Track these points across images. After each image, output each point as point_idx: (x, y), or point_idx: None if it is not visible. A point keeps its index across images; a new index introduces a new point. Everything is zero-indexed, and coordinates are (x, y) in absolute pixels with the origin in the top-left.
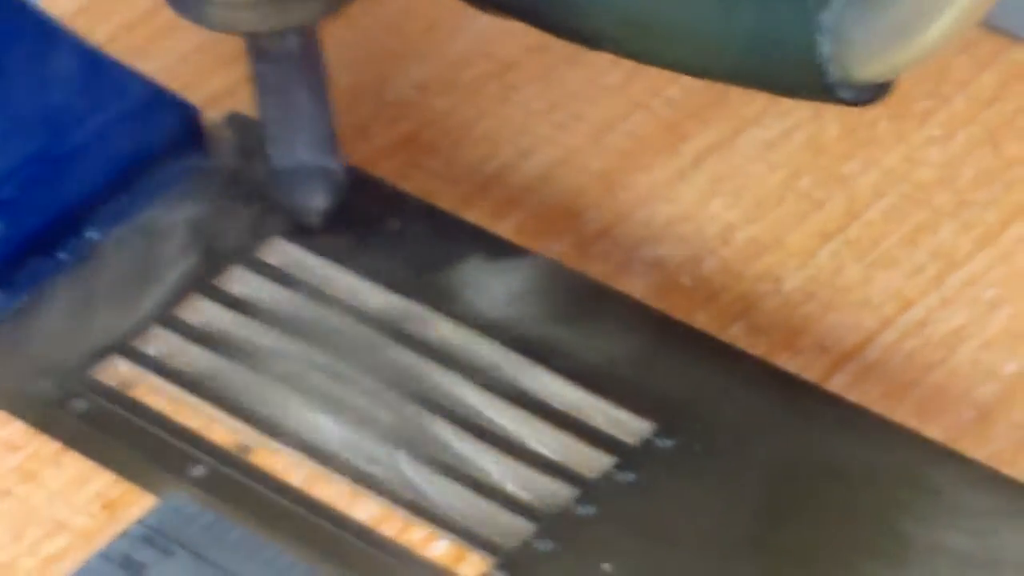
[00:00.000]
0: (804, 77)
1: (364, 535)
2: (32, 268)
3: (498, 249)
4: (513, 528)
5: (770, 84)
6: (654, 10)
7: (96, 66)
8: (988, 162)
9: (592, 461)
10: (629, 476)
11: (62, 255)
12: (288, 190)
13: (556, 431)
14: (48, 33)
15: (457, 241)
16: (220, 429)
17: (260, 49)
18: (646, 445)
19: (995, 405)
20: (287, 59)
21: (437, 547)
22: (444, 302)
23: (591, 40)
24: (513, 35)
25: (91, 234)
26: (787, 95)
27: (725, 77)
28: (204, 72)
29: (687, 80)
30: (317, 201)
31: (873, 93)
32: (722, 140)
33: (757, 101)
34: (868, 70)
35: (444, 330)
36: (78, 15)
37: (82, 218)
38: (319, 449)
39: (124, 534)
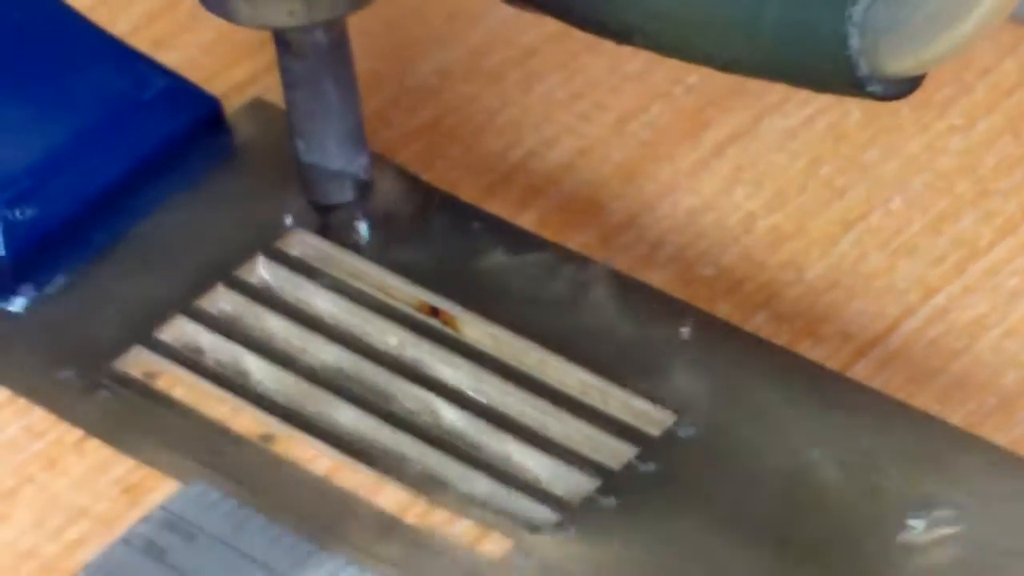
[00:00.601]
0: (834, 71)
1: (387, 523)
2: (56, 258)
3: (520, 241)
4: (536, 518)
5: (800, 78)
6: (683, 3)
7: (118, 57)
8: (1010, 150)
9: (614, 451)
10: (651, 467)
11: (86, 245)
12: (316, 184)
13: (578, 422)
14: (70, 24)
15: (479, 233)
16: (244, 419)
17: (288, 44)
18: (668, 435)
19: (1017, 392)
20: (315, 54)
21: (458, 527)
22: (466, 294)
23: (619, 34)
24: (534, 23)
25: (114, 224)
26: (817, 89)
27: (754, 71)
28: (225, 62)
29: (707, 68)
30: (345, 195)
31: (903, 87)
32: (743, 129)
33: (778, 89)
34: (898, 64)
35: (467, 322)
36: (99, 6)
37: (105, 208)
38: (342, 439)
39: (146, 519)
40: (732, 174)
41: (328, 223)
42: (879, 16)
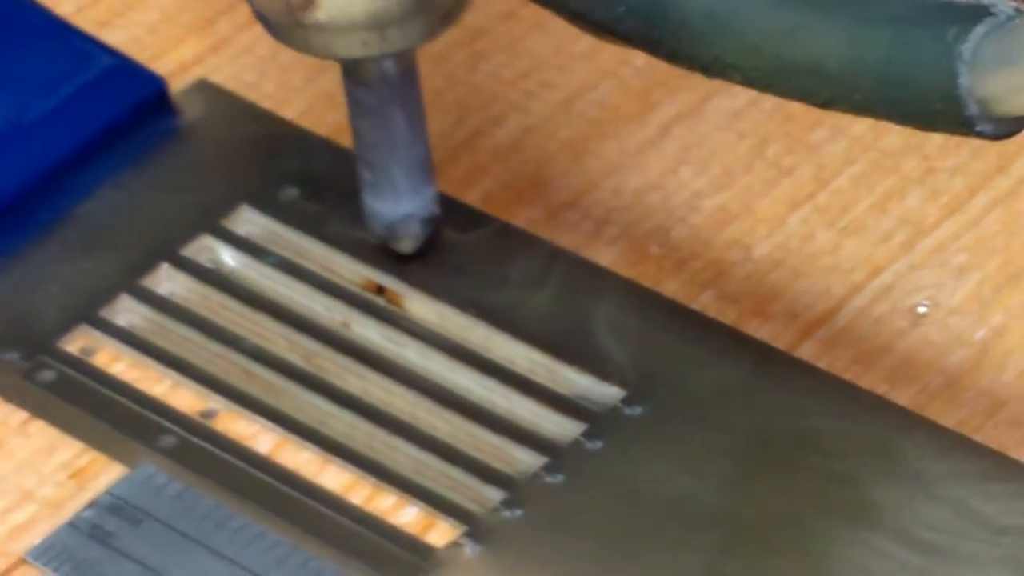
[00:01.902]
0: (942, 110)
1: (333, 504)
2: (0, 239)
3: (466, 218)
4: (482, 496)
5: (905, 117)
6: (778, 39)
7: (62, 37)
8: None
9: (561, 428)
10: (598, 443)
11: (30, 225)
12: (383, 215)
13: (525, 399)
14: (14, 4)
15: None
16: (185, 395)
17: (357, 74)
18: (615, 413)
19: (964, 372)
20: (384, 83)
21: (406, 514)
22: (411, 272)
23: (709, 68)
24: (481, 3)
25: (58, 204)
26: (923, 128)
27: (855, 109)
28: (171, 42)
29: None
30: (413, 226)
31: (1012, 126)
32: (690, 108)
33: None
34: (1009, 105)
35: (412, 300)
36: None
37: (50, 188)
38: (286, 416)
39: (92, 504)
40: (679, 153)
41: (272, 201)
42: (990, 53)
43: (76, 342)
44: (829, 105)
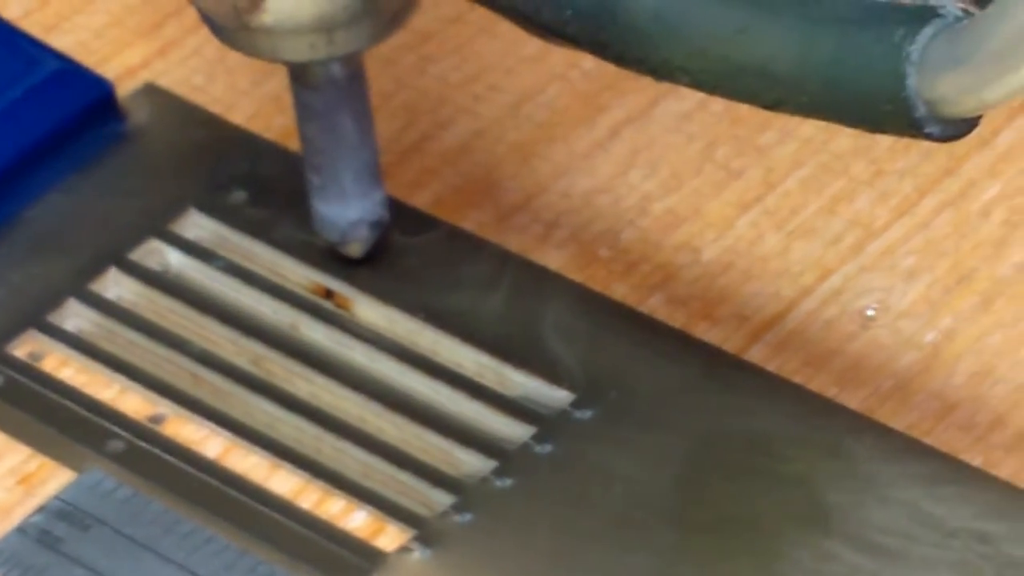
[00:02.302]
0: (890, 112)
1: (282, 508)
2: None
3: (414, 221)
4: (431, 500)
5: (852, 119)
6: (726, 41)
7: (9, 41)
8: None
9: (510, 432)
10: (547, 447)
11: None
12: (331, 219)
13: (473, 402)
14: None
15: None
16: (134, 399)
17: (303, 77)
18: (564, 416)
19: (914, 375)
20: (331, 87)
21: (355, 519)
22: (359, 276)
23: (657, 70)
24: (428, 6)
25: (3, 208)
26: (870, 130)
27: (803, 111)
28: (118, 47)
29: None
30: (362, 230)
31: (962, 128)
32: (639, 111)
33: None
34: (959, 105)
35: (361, 304)
36: None
37: None
38: (234, 421)
39: (41, 509)
40: (628, 156)
41: (220, 205)
42: (938, 55)
43: (24, 347)
44: (777, 107)
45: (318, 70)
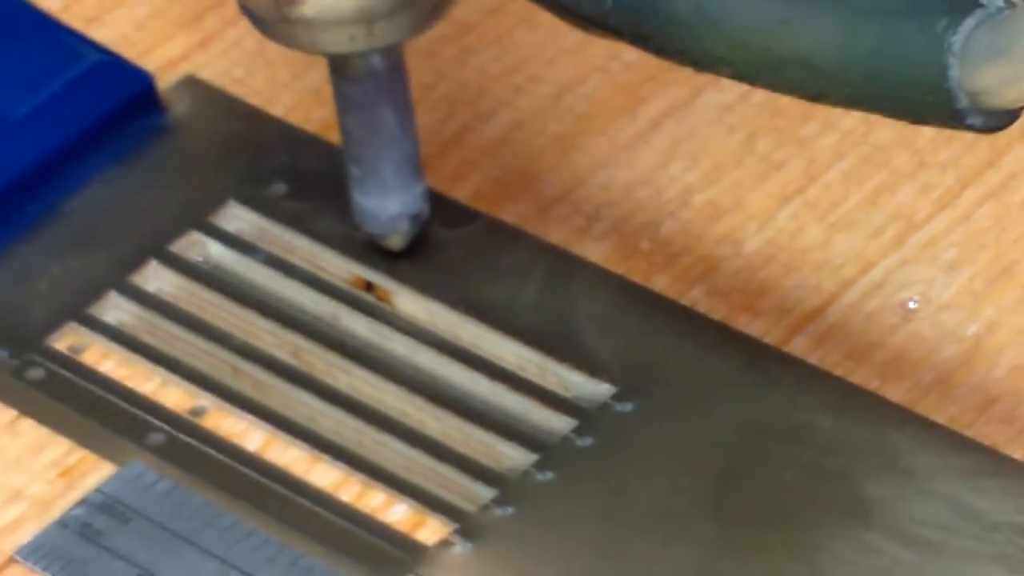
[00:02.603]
0: (931, 103)
1: (322, 501)
2: None
3: (454, 214)
4: (472, 493)
5: (894, 110)
6: (768, 33)
7: (50, 34)
8: None
9: (551, 425)
10: (588, 440)
11: (17, 222)
12: (371, 211)
13: (515, 395)
14: (1, 1)
15: None
16: (174, 392)
17: (343, 69)
18: (605, 409)
19: (957, 367)
20: (372, 79)
21: (396, 511)
22: (400, 268)
23: (699, 62)
24: None
25: (46, 201)
26: (913, 121)
27: (845, 102)
28: (159, 38)
29: None
30: (402, 222)
31: (1003, 119)
32: (680, 103)
33: None
34: (1000, 96)
35: (402, 297)
36: None
37: (37, 185)
38: (275, 414)
39: (82, 502)
40: (669, 148)
41: (262, 197)
42: (980, 45)
43: (65, 340)
44: (819, 99)
45: (358, 62)
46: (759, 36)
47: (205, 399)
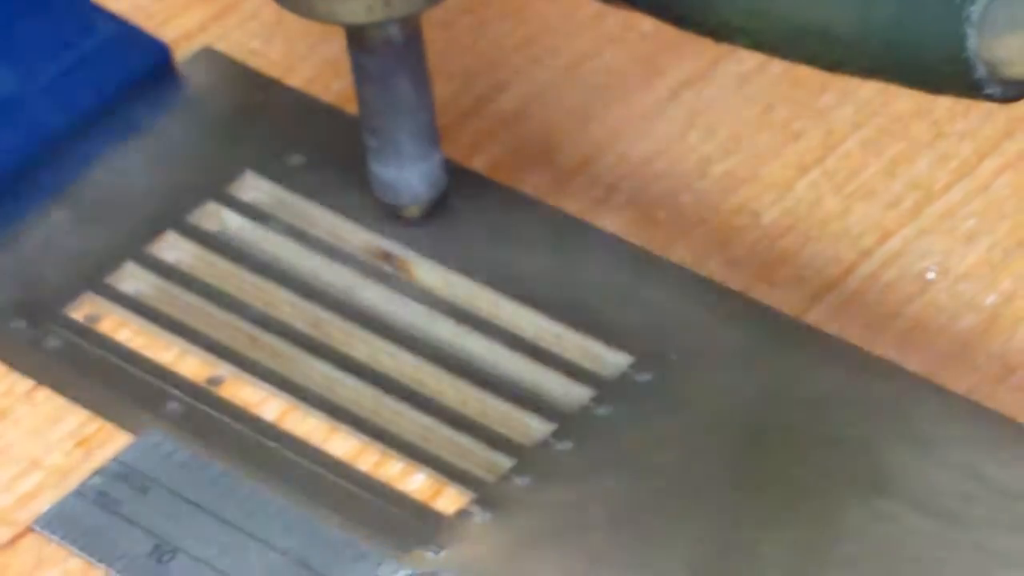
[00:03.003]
0: (950, 73)
1: (340, 470)
2: (4, 206)
3: (472, 184)
4: (490, 463)
5: (912, 80)
6: (786, 3)
7: (66, 4)
8: None
9: (569, 395)
10: (607, 410)
11: (34, 193)
12: (389, 181)
13: (533, 365)
14: None
15: None
16: (192, 362)
17: (361, 40)
18: (623, 378)
19: (975, 337)
20: (389, 49)
21: (414, 481)
22: (418, 238)
23: (716, 32)
24: None
25: (63, 172)
26: (930, 91)
27: (863, 72)
28: (176, 9)
29: None
30: (419, 192)
31: (1021, 90)
32: (698, 74)
33: None
34: (1018, 67)
35: (420, 267)
36: None
37: (54, 156)
38: (292, 383)
39: (99, 471)
40: (686, 119)
41: (279, 168)
42: (998, 15)
43: (82, 309)
44: (837, 69)
45: (375, 33)
46: (777, 5)
47: (223, 368)
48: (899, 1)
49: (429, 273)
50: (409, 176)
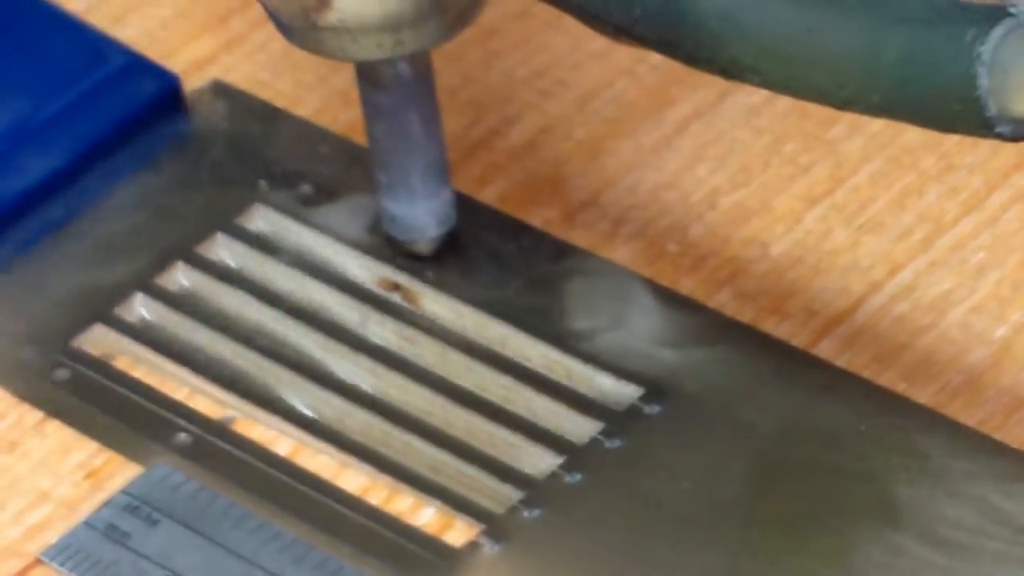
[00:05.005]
0: (960, 113)
1: (350, 503)
2: (13, 237)
3: (483, 217)
4: (500, 495)
5: (923, 119)
6: (796, 42)
7: (74, 34)
8: None
9: (579, 427)
10: (616, 442)
11: (44, 223)
12: (399, 217)
13: (542, 397)
14: (26, 2)
15: None
16: (204, 399)
17: (372, 76)
18: (633, 411)
19: (984, 370)
20: (399, 85)
21: (424, 514)
22: (427, 270)
23: (727, 70)
24: (494, 1)
25: (72, 202)
26: (941, 129)
27: (874, 111)
28: (184, 39)
29: None
30: (429, 229)
31: None
32: (707, 106)
33: None
34: None
35: (429, 299)
36: None
37: (63, 186)
38: (302, 416)
39: (108, 503)
40: (696, 151)
41: (289, 199)
42: (1009, 55)
43: (91, 341)
44: (847, 107)
45: (386, 69)
46: (786, 44)
47: (232, 401)
48: (910, 41)
49: (438, 305)
50: (419, 213)
